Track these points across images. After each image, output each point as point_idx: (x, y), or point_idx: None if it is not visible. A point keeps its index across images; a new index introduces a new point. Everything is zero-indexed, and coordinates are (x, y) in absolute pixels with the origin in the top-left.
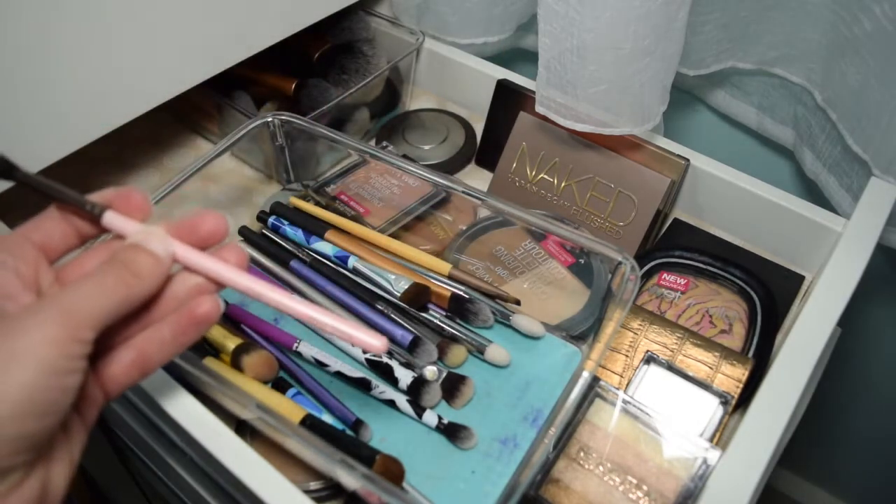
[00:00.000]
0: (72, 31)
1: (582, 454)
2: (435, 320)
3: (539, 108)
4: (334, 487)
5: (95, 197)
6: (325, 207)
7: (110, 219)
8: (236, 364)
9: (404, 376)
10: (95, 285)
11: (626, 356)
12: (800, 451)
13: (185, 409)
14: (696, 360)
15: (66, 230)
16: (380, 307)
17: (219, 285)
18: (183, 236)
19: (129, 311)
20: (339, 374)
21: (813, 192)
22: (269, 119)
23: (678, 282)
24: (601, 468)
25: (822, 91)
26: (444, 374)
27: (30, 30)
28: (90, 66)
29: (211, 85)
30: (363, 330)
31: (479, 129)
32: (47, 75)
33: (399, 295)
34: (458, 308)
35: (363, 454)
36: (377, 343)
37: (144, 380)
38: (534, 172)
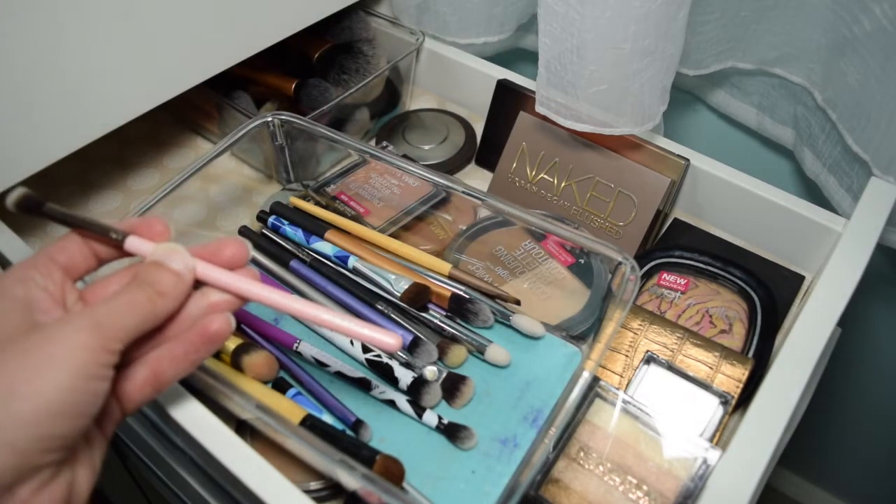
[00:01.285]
0: (72, 32)
1: (582, 454)
2: (435, 320)
3: (539, 108)
4: (334, 487)
5: (118, 224)
6: (325, 207)
7: (133, 244)
8: (236, 364)
9: (404, 376)
10: (124, 301)
11: (626, 356)
12: (800, 451)
13: (185, 409)
14: (696, 360)
15: (87, 253)
16: (380, 307)
17: (241, 300)
18: (204, 260)
19: (153, 326)
20: (339, 374)
21: (813, 192)
22: (269, 119)
23: (678, 282)
24: (601, 468)
25: (822, 91)
26: (444, 374)
27: (30, 30)
28: (90, 66)
29: (211, 85)
30: (378, 330)
31: (479, 129)
32: (48, 75)
33: (399, 295)
34: (458, 308)
35: (363, 454)
36: (392, 341)
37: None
38: (534, 172)
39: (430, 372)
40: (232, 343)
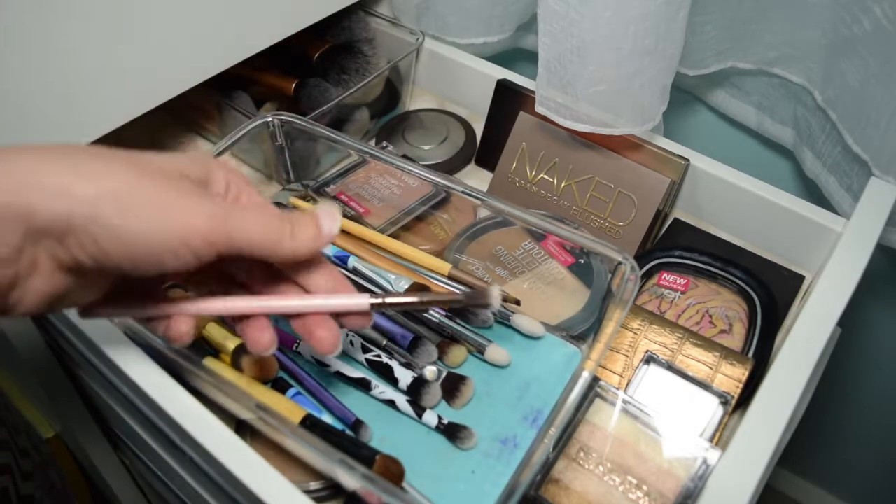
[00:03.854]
0: (71, 32)
1: (582, 454)
2: (435, 320)
3: (539, 108)
4: (334, 487)
5: None
6: None
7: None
8: (236, 364)
9: (404, 376)
10: (262, 213)
11: (626, 356)
12: (800, 451)
13: (185, 409)
14: (696, 360)
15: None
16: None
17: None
18: None
19: (263, 257)
20: (339, 374)
21: (813, 192)
22: (269, 119)
23: (678, 282)
24: (601, 468)
25: (822, 91)
26: (444, 374)
27: (30, 31)
28: (89, 66)
29: (211, 85)
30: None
31: (479, 129)
32: (47, 76)
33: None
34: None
35: (363, 454)
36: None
37: None
38: (534, 172)
39: (430, 372)
40: (232, 343)
